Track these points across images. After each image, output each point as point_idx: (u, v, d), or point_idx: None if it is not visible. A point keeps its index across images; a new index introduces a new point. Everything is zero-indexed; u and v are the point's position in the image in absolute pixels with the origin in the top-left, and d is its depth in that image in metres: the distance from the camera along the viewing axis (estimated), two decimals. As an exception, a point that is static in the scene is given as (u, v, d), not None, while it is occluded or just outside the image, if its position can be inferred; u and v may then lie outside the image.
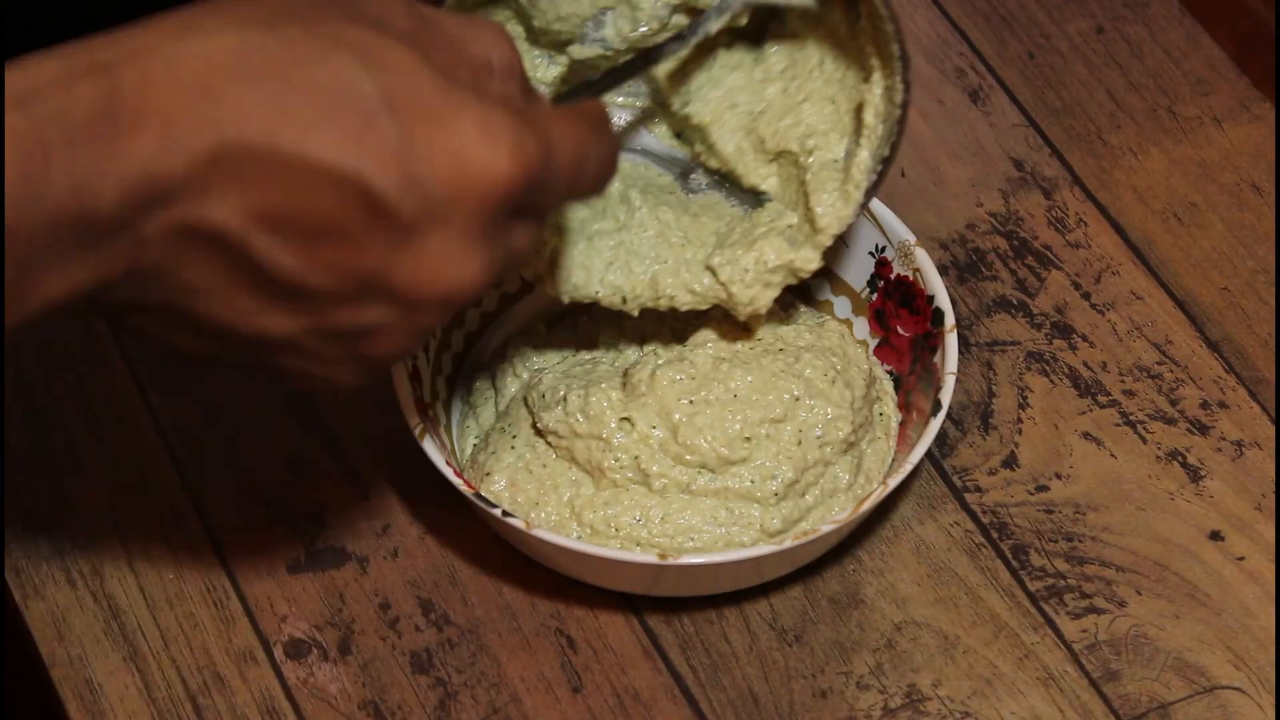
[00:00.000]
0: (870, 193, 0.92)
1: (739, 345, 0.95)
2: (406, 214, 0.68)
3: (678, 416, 0.92)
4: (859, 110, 0.93)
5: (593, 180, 0.77)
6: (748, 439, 0.92)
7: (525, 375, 0.98)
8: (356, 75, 0.68)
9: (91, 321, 1.02)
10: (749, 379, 0.93)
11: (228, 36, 0.67)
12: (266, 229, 0.68)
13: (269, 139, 0.67)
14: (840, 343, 0.97)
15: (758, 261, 0.93)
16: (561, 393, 0.94)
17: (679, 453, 0.92)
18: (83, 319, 0.74)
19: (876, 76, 0.91)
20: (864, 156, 0.92)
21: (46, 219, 0.65)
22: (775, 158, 0.96)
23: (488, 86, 0.72)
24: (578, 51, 0.94)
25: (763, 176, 0.96)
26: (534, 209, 0.73)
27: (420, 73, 0.69)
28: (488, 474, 0.93)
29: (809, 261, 0.93)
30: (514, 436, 0.94)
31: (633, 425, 0.93)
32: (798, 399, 0.93)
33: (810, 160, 0.94)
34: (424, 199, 0.68)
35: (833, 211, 0.93)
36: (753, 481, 0.92)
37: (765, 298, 0.93)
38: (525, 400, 0.95)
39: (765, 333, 0.96)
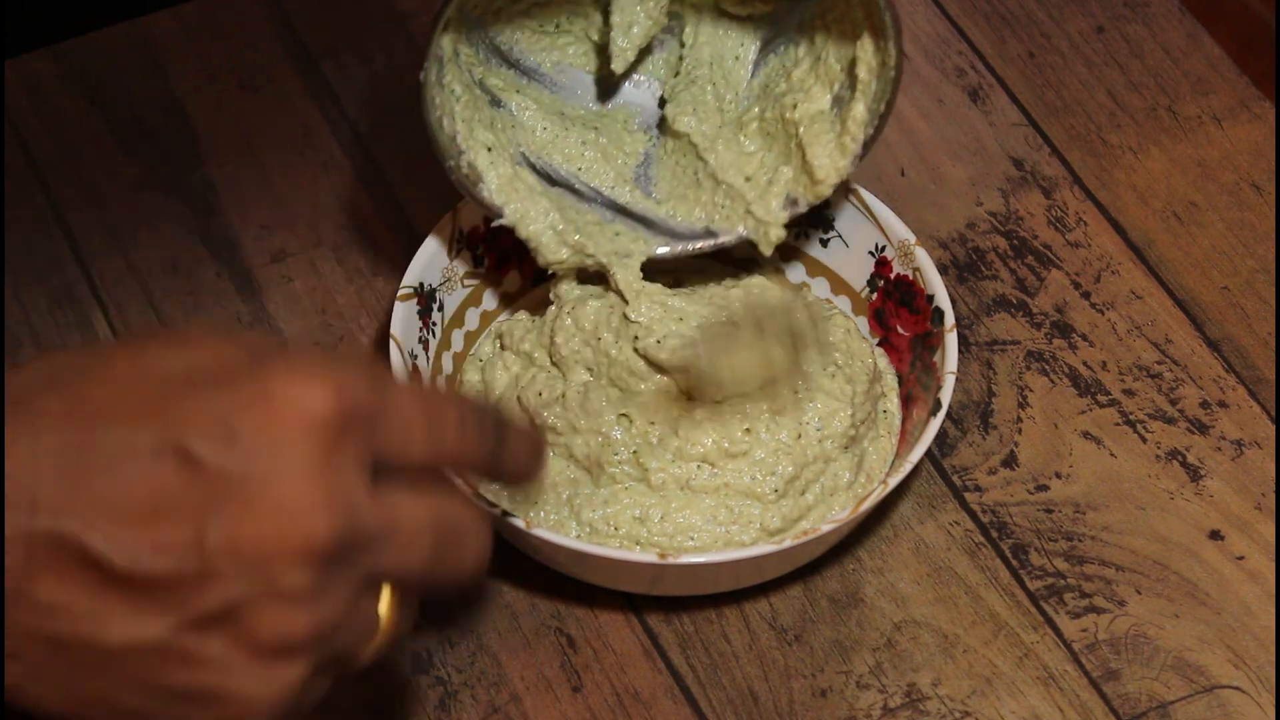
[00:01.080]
0: (868, 145, 0.93)
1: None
2: (227, 469, 0.65)
3: (676, 411, 0.92)
4: (852, 65, 0.93)
5: (466, 447, 0.71)
6: (747, 430, 0.92)
7: (515, 369, 0.97)
8: (158, 355, 0.67)
9: (91, 322, 1.02)
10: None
11: (30, 371, 0.67)
12: (95, 522, 0.65)
13: (74, 429, 0.65)
14: (845, 337, 0.97)
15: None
16: (559, 390, 0.94)
17: (679, 446, 0.92)
18: None
19: (865, 37, 0.92)
20: (860, 110, 0.93)
21: None
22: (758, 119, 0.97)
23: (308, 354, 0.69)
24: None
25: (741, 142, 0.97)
26: (391, 457, 0.68)
27: (227, 346, 0.68)
28: (485, 474, 0.93)
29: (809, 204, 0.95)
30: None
31: (631, 421, 0.93)
32: (797, 392, 0.93)
33: (797, 114, 0.94)
34: (242, 451, 0.65)
35: (830, 163, 0.94)
36: (753, 478, 0.93)
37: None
38: (519, 399, 0.95)
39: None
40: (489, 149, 0.95)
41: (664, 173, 0.99)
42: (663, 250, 0.97)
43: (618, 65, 0.96)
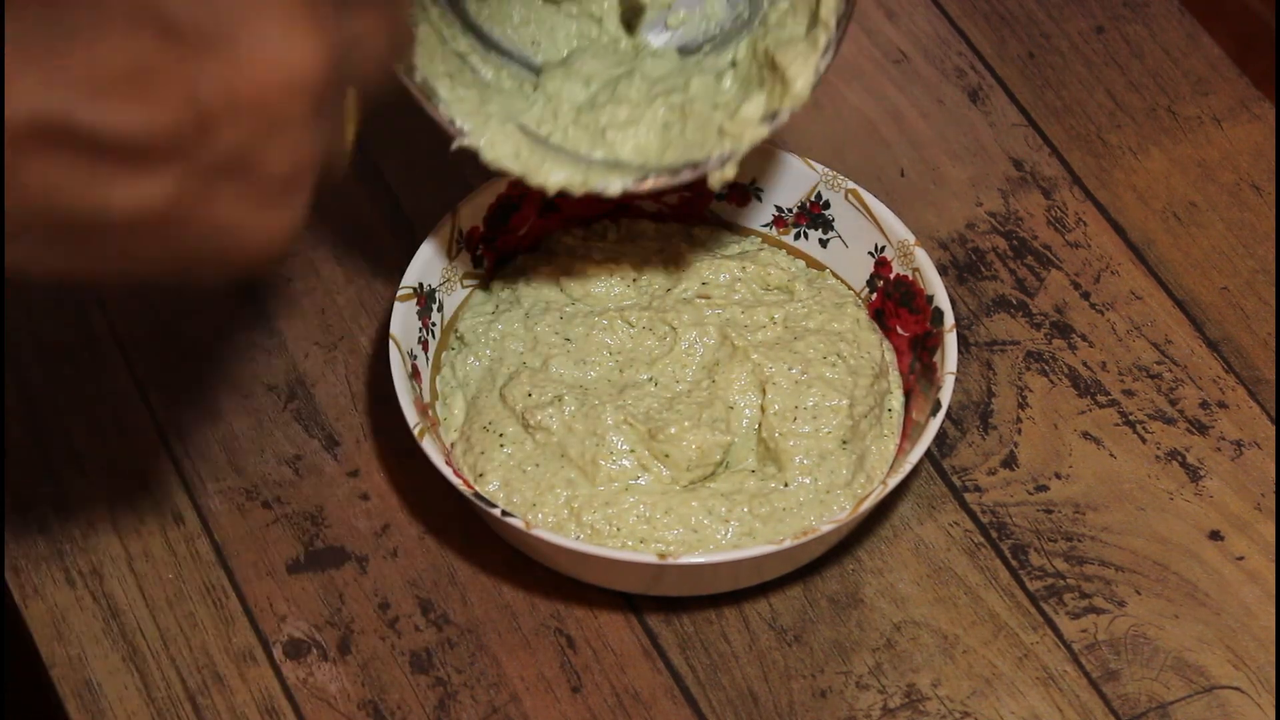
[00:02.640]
0: (841, 26, 0.91)
1: (741, 322, 0.96)
2: (206, 23, 0.65)
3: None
4: None
5: None
6: (730, 408, 0.93)
7: (487, 358, 0.97)
8: None
9: (91, 322, 1.02)
10: (753, 355, 0.94)
11: None
12: (80, 96, 0.65)
13: (46, 8, 0.65)
14: (853, 327, 0.97)
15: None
16: (550, 394, 0.94)
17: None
18: None
19: None
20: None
21: None
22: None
23: None
24: None
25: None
26: None
27: None
28: (480, 475, 0.93)
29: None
30: (500, 435, 0.94)
31: (631, 426, 0.93)
32: (797, 382, 0.93)
33: (769, 42, 0.93)
34: (217, 3, 0.65)
35: (802, 62, 0.91)
36: (752, 470, 0.93)
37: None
38: (502, 395, 0.95)
39: (776, 312, 0.96)
40: (450, 76, 0.94)
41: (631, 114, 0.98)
42: (629, 185, 0.95)
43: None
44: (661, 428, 0.92)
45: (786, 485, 0.92)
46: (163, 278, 0.70)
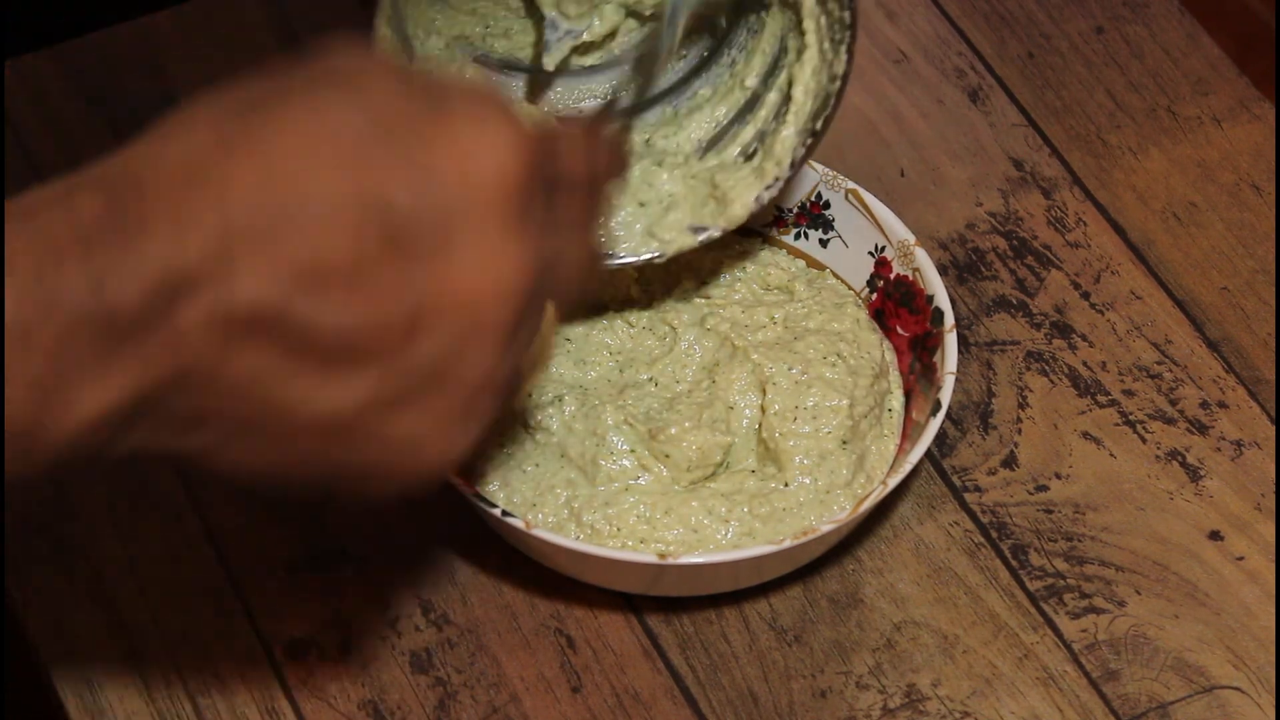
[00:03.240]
0: (796, 166, 0.93)
1: (741, 322, 0.96)
2: (427, 223, 0.64)
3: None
4: (789, 86, 0.93)
5: (609, 166, 0.74)
6: (731, 408, 0.93)
7: None
8: (338, 105, 0.65)
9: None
10: (753, 355, 0.94)
11: (201, 129, 0.65)
12: (299, 289, 0.64)
13: (270, 196, 0.63)
14: (853, 327, 0.96)
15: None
16: (550, 394, 0.94)
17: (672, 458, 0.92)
18: (150, 459, 0.68)
19: (809, 54, 0.92)
20: (789, 133, 0.92)
21: (68, 320, 0.62)
22: None
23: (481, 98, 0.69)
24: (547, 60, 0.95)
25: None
26: (564, 182, 0.70)
27: (402, 89, 0.66)
28: (480, 475, 0.93)
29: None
30: (500, 435, 0.94)
31: (631, 425, 0.93)
32: (797, 383, 0.93)
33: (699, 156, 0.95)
34: (439, 203, 0.65)
35: (745, 190, 0.94)
36: (752, 471, 0.93)
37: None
38: None
39: (776, 312, 0.96)
40: None
41: None
42: None
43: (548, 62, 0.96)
44: (662, 428, 0.92)
45: (786, 485, 0.92)
46: (334, 486, 0.69)
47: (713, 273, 0.99)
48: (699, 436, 0.93)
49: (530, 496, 0.92)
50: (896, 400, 0.97)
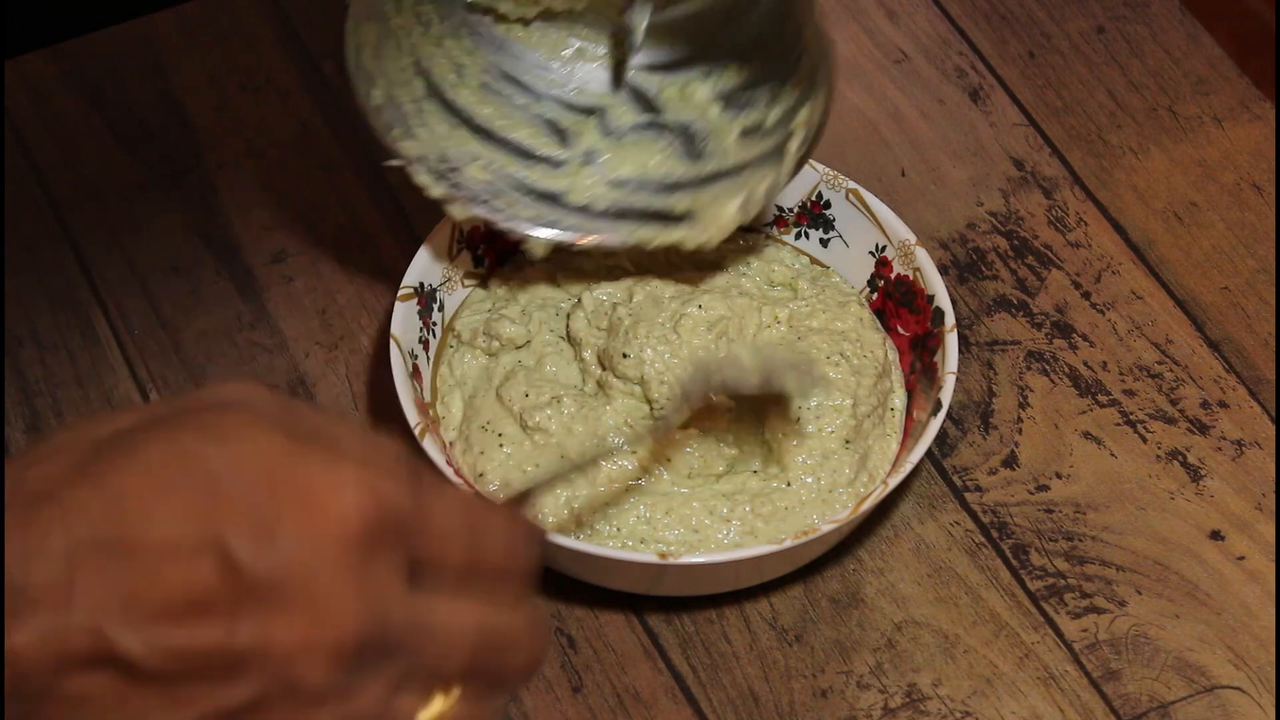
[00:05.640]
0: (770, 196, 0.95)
1: (745, 319, 0.96)
2: (265, 572, 0.66)
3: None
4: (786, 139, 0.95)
5: (512, 560, 0.71)
6: (739, 417, 0.93)
7: (483, 356, 0.97)
8: (194, 448, 0.67)
9: (92, 322, 1.02)
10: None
11: (61, 456, 0.68)
12: (129, 621, 0.66)
13: (114, 527, 0.66)
14: (856, 326, 0.96)
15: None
16: (548, 394, 0.94)
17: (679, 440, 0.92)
18: None
19: (803, 112, 0.93)
20: (778, 181, 0.95)
21: None
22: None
23: (348, 448, 0.69)
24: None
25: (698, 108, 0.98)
26: (428, 563, 0.69)
27: (262, 433, 0.68)
28: (480, 474, 0.93)
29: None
30: (499, 435, 0.94)
31: (631, 426, 0.93)
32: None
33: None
34: (280, 554, 0.66)
35: (719, 216, 0.95)
36: (754, 471, 0.93)
37: None
38: (499, 395, 0.94)
39: (780, 310, 0.96)
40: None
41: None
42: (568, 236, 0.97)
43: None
44: (665, 431, 0.92)
45: (789, 485, 0.92)
46: None
47: (716, 266, 0.99)
48: (702, 445, 0.92)
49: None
50: (899, 399, 0.97)
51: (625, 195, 0.97)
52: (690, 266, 0.99)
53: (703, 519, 0.92)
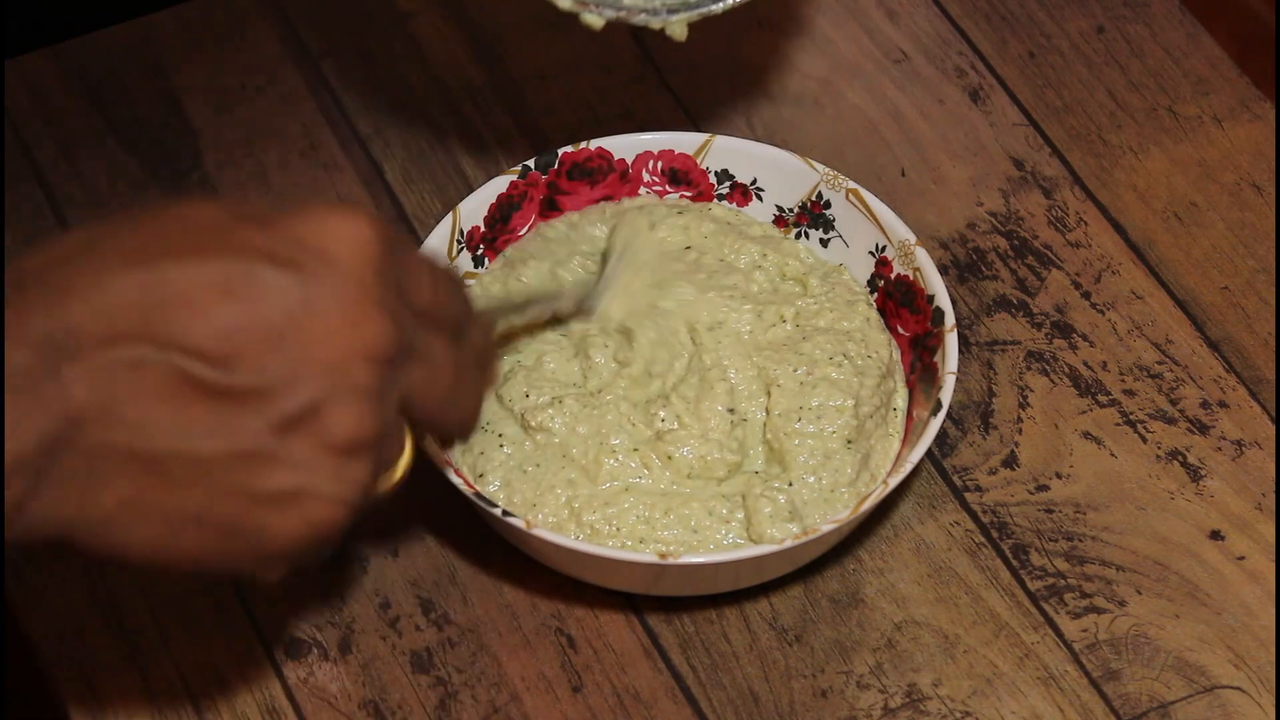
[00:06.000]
0: None
1: (751, 317, 0.96)
2: (301, 290, 0.72)
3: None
4: None
5: (453, 304, 0.78)
6: (745, 420, 0.92)
7: None
8: (199, 205, 0.73)
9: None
10: (755, 358, 0.93)
11: (72, 238, 0.72)
12: (183, 342, 0.70)
13: (142, 273, 0.70)
14: (863, 326, 0.96)
15: None
16: (549, 394, 0.93)
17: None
18: (63, 549, 0.76)
19: None
20: None
21: None
22: None
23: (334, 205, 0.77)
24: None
25: None
26: (406, 292, 0.75)
27: (258, 200, 0.75)
28: (480, 475, 0.93)
29: None
30: (499, 435, 0.93)
31: (634, 424, 0.93)
32: (802, 383, 0.93)
33: None
34: (308, 274, 0.72)
35: None
36: (757, 472, 0.93)
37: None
38: (497, 395, 0.94)
39: (786, 310, 0.96)
40: None
41: None
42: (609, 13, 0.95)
43: None
44: (667, 432, 0.92)
45: (791, 485, 0.92)
46: (230, 555, 0.74)
47: (735, 251, 0.98)
48: (704, 448, 0.92)
49: (530, 497, 0.92)
50: (902, 399, 0.97)
51: None
52: (707, 260, 0.98)
53: (703, 519, 0.92)
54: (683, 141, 1.02)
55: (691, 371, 0.95)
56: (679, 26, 0.96)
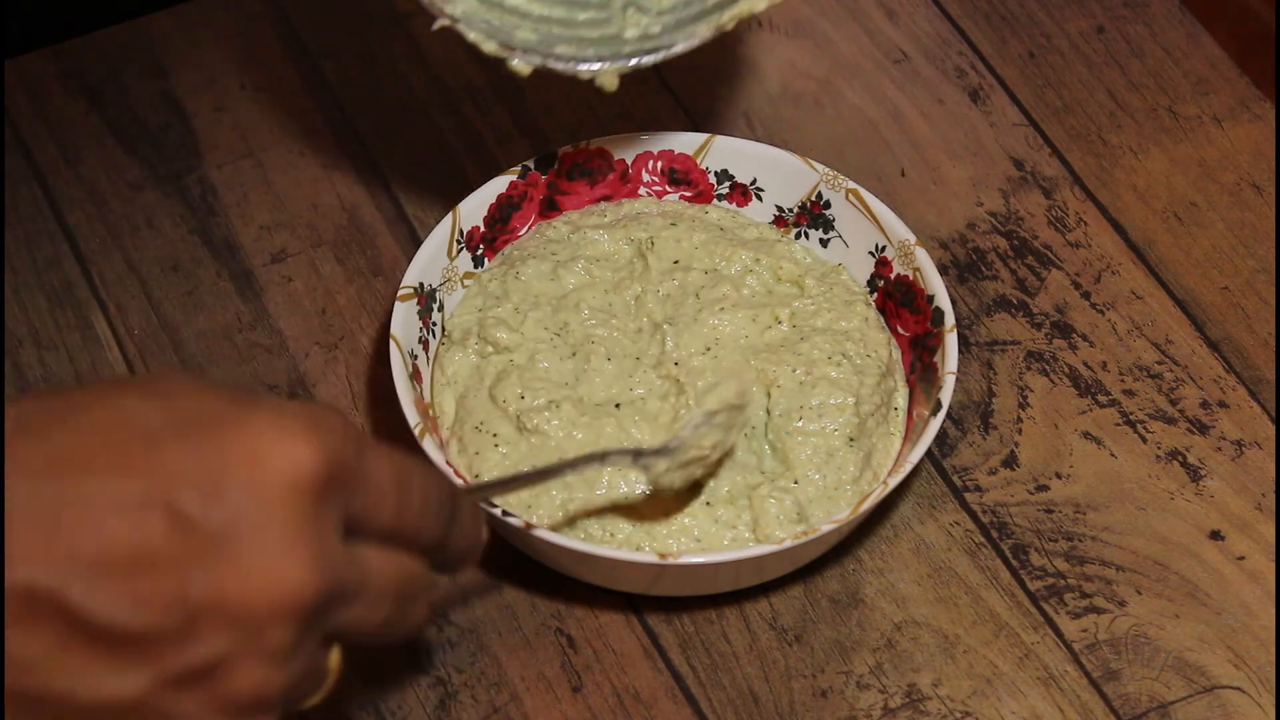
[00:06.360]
0: None
1: (745, 322, 0.96)
2: (214, 525, 0.65)
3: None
4: None
5: (426, 520, 0.72)
6: (752, 428, 0.92)
7: (473, 356, 0.97)
8: (137, 404, 0.66)
9: (91, 322, 1.02)
10: (754, 360, 0.93)
11: (10, 414, 0.66)
12: (81, 574, 0.64)
13: (55, 484, 0.64)
14: (861, 326, 0.96)
15: None
16: (544, 396, 0.93)
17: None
18: None
19: None
20: None
21: None
22: None
23: (289, 407, 0.69)
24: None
25: None
26: (361, 519, 0.69)
27: (204, 391, 0.67)
28: (476, 475, 0.93)
29: None
30: (494, 435, 0.93)
31: (626, 431, 0.93)
32: (801, 383, 0.93)
33: None
34: (229, 507, 0.65)
35: None
36: (761, 473, 0.93)
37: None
38: (491, 394, 0.94)
39: (781, 311, 0.96)
40: None
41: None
42: (607, 65, 0.94)
43: None
44: (669, 454, 0.92)
45: (796, 483, 0.92)
46: None
47: (726, 260, 0.98)
48: (728, 472, 0.92)
49: (526, 498, 0.92)
50: (903, 398, 0.97)
51: (680, 7, 0.95)
52: (699, 265, 0.98)
53: (707, 527, 0.91)
54: (682, 141, 1.02)
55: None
56: (610, 77, 0.95)
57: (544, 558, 0.93)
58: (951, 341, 0.95)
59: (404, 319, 0.95)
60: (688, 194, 1.02)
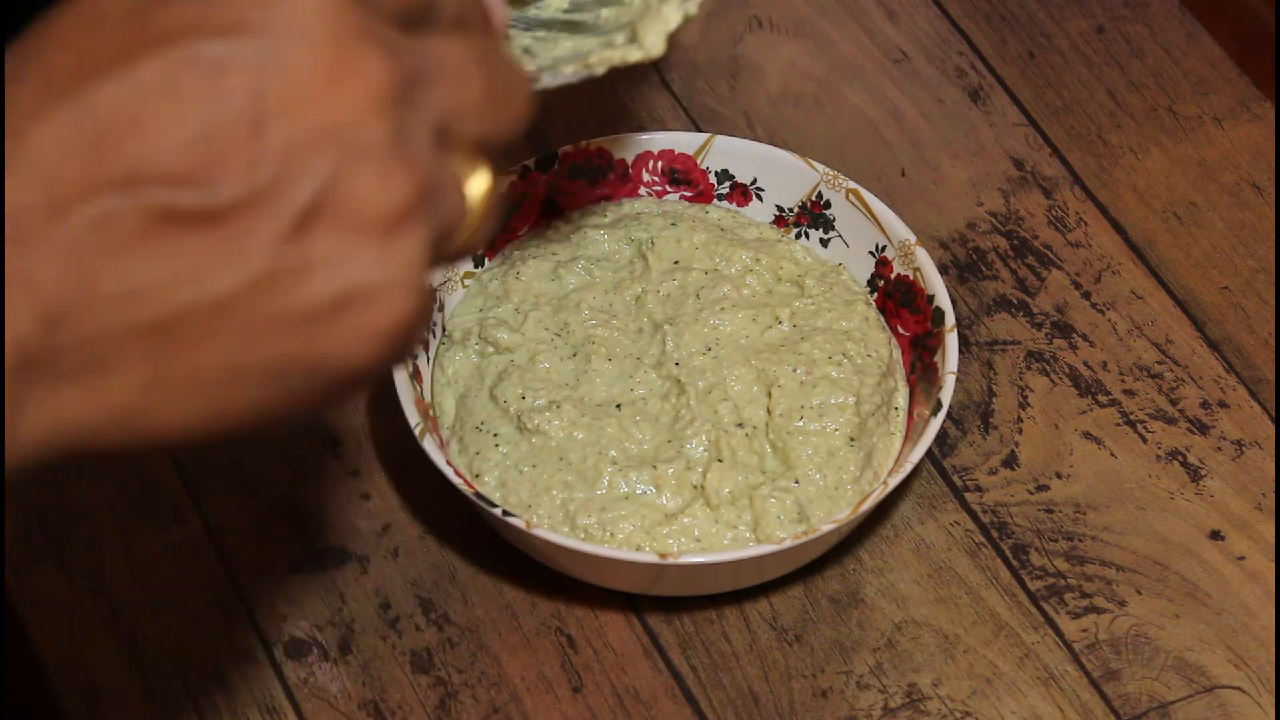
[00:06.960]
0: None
1: (745, 322, 0.96)
2: (254, 58, 0.58)
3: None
4: None
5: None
6: (754, 428, 0.92)
7: (474, 356, 0.97)
8: None
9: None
10: (754, 361, 0.93)
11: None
12: (145, 175, 0.57)
13: (91, 92, 0.57)
14: (862, 325, 0.96)
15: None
16: (545, 397, 0.93)
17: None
18: (84, 457, 0.60)
19: None
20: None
21: None
22: None
23: None
24: None
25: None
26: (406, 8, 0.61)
27: None
28: (477, 475, 0.93)
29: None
30: (495, 435, 0.93)
31: (628, 431, 0.93)
32: (802, 383, 0.93)
33: None
34: (258, 34, 0.58)
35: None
36: (763, 473, 0.93)
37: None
38: (492, 394, 0.94)
39: (781, 311, 0.96)
40: None
41: None
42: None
43: None
44: (671, 458, 0.92)
45: (797, 482, 0.92)
46: (290, 396, 0.60)
47: (726, 259, 0.98)
48: (715, 474, 0.92)
49: (526, 497, 0.92)
50: (903, 398, 0.97)
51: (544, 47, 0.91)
52: (699, 265, 0.98)
53: (708, 528, 0.91)
54: (683, 141, 1.02)
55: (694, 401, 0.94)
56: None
57: (544, 558, 0.93)
58: (952, 341, 0.95)
59: (404, 319, 0.95)
60: (688, 194, 1.02)
